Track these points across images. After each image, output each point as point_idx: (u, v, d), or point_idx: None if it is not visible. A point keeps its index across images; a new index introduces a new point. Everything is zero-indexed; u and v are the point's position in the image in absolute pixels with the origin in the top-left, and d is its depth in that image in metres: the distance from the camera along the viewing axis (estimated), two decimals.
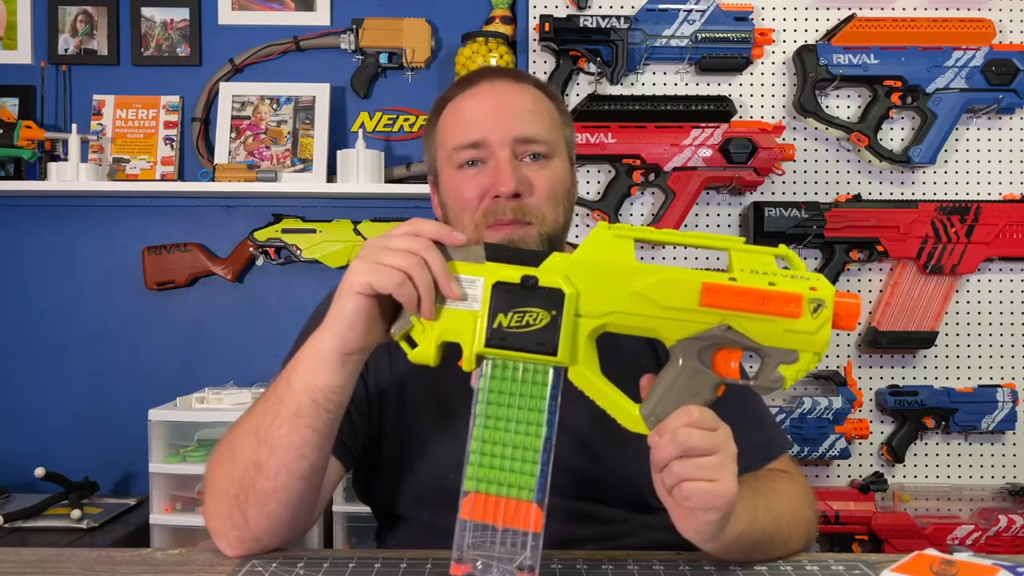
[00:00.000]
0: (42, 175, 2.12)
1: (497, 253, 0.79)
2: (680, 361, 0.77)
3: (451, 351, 0.79)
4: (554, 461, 0.77)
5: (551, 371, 0.77)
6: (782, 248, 0.78)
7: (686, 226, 2.01)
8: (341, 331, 0.81)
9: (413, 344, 0.79)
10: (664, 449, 0.76)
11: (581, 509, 1.01)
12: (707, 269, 0.78)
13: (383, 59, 2.16)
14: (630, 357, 1.01)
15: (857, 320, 0.76)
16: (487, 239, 1.01)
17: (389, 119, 2.19)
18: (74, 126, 2.09)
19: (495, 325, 0.76)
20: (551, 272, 0.77)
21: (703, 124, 1.97)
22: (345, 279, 0.81)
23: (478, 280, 0.78)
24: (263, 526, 0.88)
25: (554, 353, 0.76)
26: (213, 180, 2.06)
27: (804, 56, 1.97)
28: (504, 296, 0.77)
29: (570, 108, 1.97)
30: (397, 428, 1.04)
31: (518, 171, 1.01)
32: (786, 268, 0.77)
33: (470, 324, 0.77)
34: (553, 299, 0.76)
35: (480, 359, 0.78)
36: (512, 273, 0.77)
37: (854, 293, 0.78)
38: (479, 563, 0.75)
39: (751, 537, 0.86)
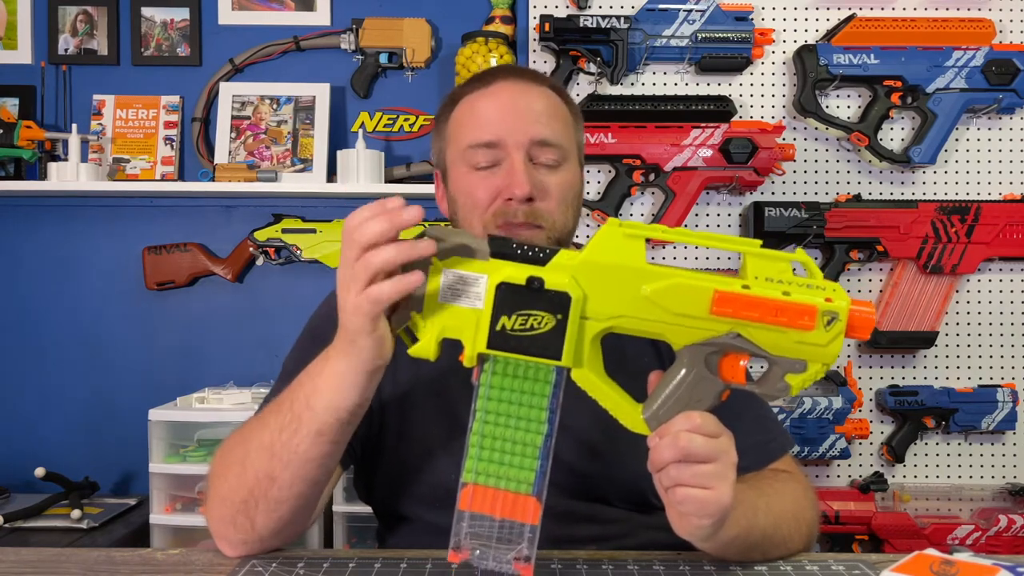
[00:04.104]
0: (42, 175, 2.12)
1: (502, 249, 0.76)
2: (686, 366, 0.76)
3: (453, 346, 0.78)
4: (555, 460, 0.77)
5: (554, 370, 0.76)
6: (800, 253, 0.76)
7: (686, 226, 2.01)
8: (366, 357, 0.79)
9: (413, 338, 0.78)
10: (663, 452, 0.76)
11: (582, 509, 1.00)
12: (717, 270, 0.77)
13: (383, 59, 2.16)
14: (633, 357, 1.01)
15: (871, 331, 0.74)
16: None
17: (389, 119, 2.19)
18: (74, 126, 2.09)
19: (498, 327, 0.74)
20: (558, 272, 0.75)
21: (703, 124, 1.97)
22: (344, 314, 0.78)
23: (482, 278, 0.75)
24: (270, 529, 0.88)
25: (558, 358, 0.74)
26: (213, 180, 2.06)
27: (804, 56, 1.97)
28: (508, 297, 0.74)
29: None
30: (400, 429, 1.04)
31: (532, 174, 1.00)
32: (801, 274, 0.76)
33: (472, 321, 0.75)
34: (559, 303, 0.74)
35: (482, 357, 0.77)
36: (517, 273, 0.75)
37: (869, 302, 0.76)
38: (477, 551, 0.75)
39: (748, 539, 0.86)
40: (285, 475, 0.85)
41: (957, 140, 2.04)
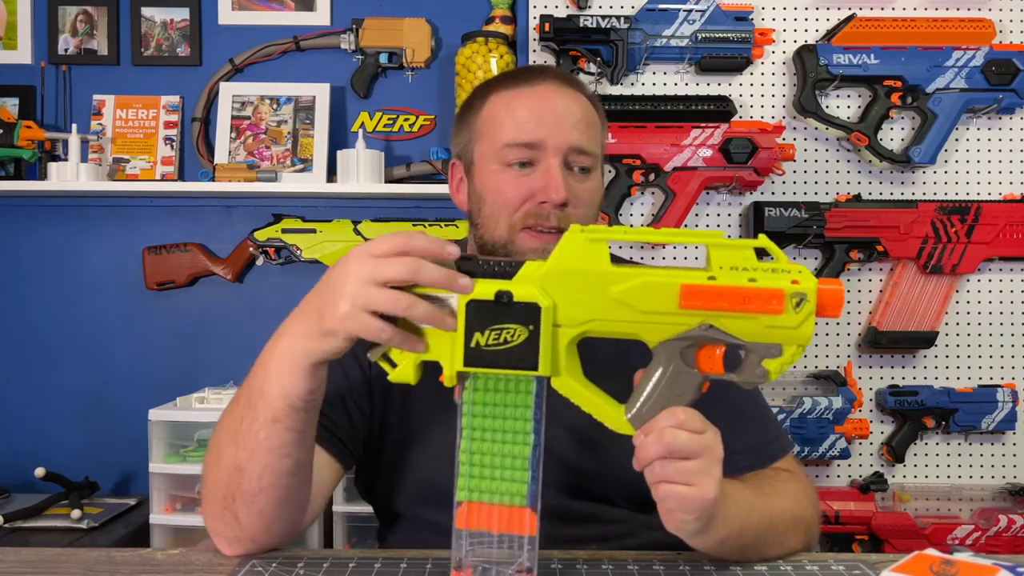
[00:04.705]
0: (42, 175, 2.12)
1: (468, 267, 0.76)
2: (663, 363, 0.77)
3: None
4: (557, 460, 0.77)
5: (534, 381, 0.76)
6: (762, 239, 0.76)
7: (686, 225, 2.01)
8: (328, 351, 0.78)
9: (392, 364, 0.78)
10: (648, 449, 0.76)
11: (583, 509, 1.01)
12: (687, 268, 0.77)
13: (383, 59, 2.16)
14: (637, 356, 1.01)
15: (841, 307, 0.75)
16: (521, 242, 1.02)
17: (389, 119, 2.19)
18: (74, 126, 2.09)
19: (472, 344, 0.74)
20: (526, 284, 0.75)
21: (703, 124, 1.97)
22: (332, 311, 0.76)
23: (451, 298, 0.75)
24: (256, 525, 0.88)
25: (535, 368, 0.75)
26: (213, 180, 2.06)
27: (804, 56, 1.97)
28: (479, 314, 0.74)
29: None
30: (400, 425, 1.04)
31: (567, 180, 1.01)
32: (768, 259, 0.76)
33: (447, 342, 0.76)
34: (529, 314, 0.74)
35: (462, 376, 0.77)
36: (486, 289, 0.75)
37: (837, 279, 0.76)
38: (478, 568, 0.76)
39: (741, 539, 0.86)
40: (252, 465, 0.84)
41: (957, 140, 2.04)
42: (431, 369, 0.80)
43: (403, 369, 0.78)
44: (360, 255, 0.76)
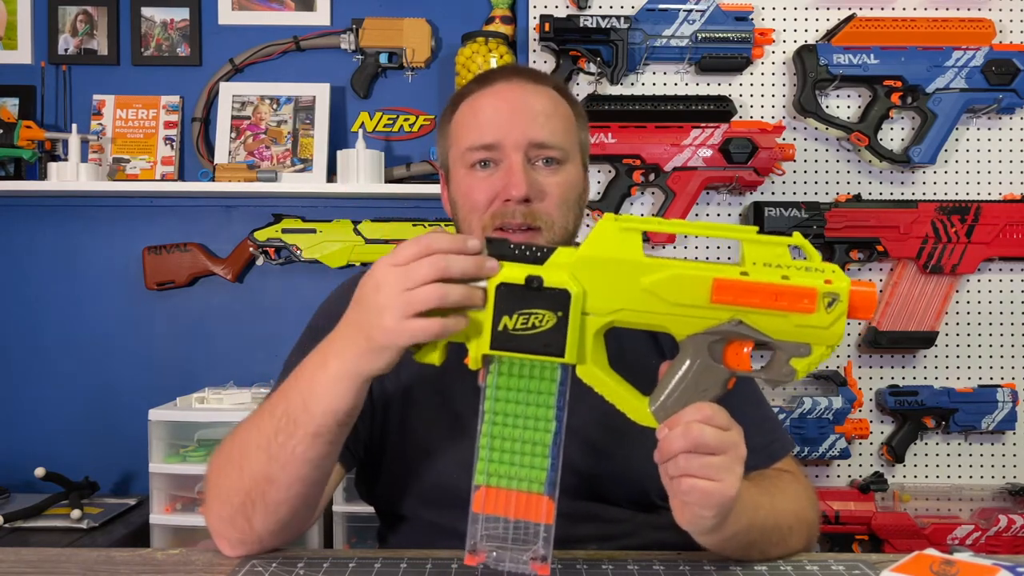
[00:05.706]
0: (42, 175, 2.12)
1: (500, 250, 0.76)
2: (690, 356, 0.76)
3: (456, 348, 0.78)
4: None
5: (559, 367, 0.76)
6: (797, 237, 0.75)
7: None
8: (379, 368, 0.79)
9: (417, 344, 0.78)
10: (674, 442, 0.76)
11: (585, 509, 1.00)
12: (719, 263, 0.76)
13: (383, 59, 2.16)
14: (632, 351, 1.01)
15: (873, 310, 0.74)
16: None
17: (389, 119, 2.19)
18: (74, 126, 2.09)
19: (500, 328, 0.74)
20: (556, 270, 0.75)
21: (703, 124, 1.97)
22: (381, 331, 0.76)
23: (481, 280, 0.76)
24: (268, 530, 0.88)
25: (561, 355, 0.75)
26: (213, 180, 2.06)
27: (804, 56, 1.97)
28: (509, 297, 0.74)
29: None
30: (401, 428, 1.04)
31: (530, 176, 1.01)
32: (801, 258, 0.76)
33: (475, 324, 0.76)
34: (559, 300, 0.74)
35: (487, 359, 0.77)
36: (516, 272, 0.75)
37: (870, 282, 0.75)
38: (493, 553, 0.75)
39: (748, 536, 0.86)
40: (282, 477, 0.85)
41: (957, 140, 2.04)
42: (433, 370, 0.80)
43: (428, 350, 0.77)
44: (386, 266, 0.77)
